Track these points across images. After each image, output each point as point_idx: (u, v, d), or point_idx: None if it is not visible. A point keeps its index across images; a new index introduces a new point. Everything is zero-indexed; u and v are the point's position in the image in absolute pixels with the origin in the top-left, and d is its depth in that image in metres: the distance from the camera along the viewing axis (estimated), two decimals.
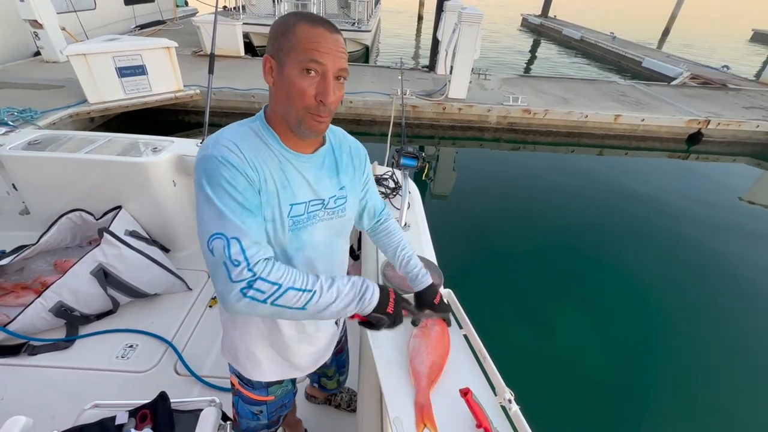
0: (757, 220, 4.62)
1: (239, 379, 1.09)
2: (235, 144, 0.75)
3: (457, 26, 5.67)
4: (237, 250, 0.69)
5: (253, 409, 1.14)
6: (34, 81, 5.67)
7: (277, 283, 0.71)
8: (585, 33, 15.19)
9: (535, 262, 3.57)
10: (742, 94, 7.92)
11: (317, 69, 0.73)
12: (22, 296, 1.95)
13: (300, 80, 0.73)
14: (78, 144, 2.18)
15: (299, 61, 0.72)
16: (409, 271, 1.08)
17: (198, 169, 0.74)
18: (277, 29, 0.75)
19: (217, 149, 0.73)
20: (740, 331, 2.93)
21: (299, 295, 0.72)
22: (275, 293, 0.70)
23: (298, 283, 0.73)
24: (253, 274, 0.69)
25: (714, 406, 2.38)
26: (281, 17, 0.77)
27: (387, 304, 0.83)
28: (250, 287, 0.69)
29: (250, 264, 0.69)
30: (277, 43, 0.74)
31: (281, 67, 0.74)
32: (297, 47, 0.72)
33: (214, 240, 0.69)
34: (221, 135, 0.78)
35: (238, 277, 0.68)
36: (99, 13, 8.78)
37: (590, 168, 5.70)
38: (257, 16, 10.33)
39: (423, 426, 0.84)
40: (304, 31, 0.72)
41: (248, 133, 0.80)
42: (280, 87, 0.76)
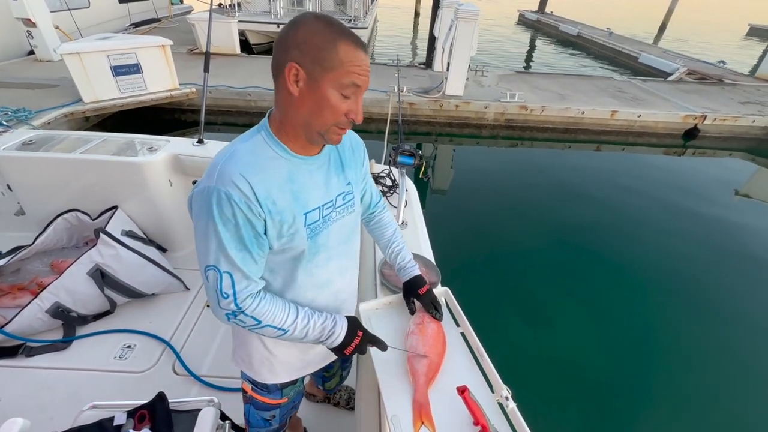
0: (753, 215, 4.64)
1: (253, 386, 1.09)
2: (243, 177, 0.73)
3: (454, 23, 5.65)
4: (228, 284, 0.76)
5: (266, 415, 1.15)
6: (28, 80, 5.62)
7: (258, 320, 0.80)
8: (582, 29, 15.17)
9: (533, 259, 3.58)
10: (738, 90, 7.94)
11: (355, 91, 0.75)
12: (18, 297, 1.95)
13: (336, 99, 0.74)
14: (73, 144, 2.17)
15: (340, 84, 0.72)
16: (398, 262, 1.13)
17: (199, 200, 0.74)
18: (313, 41, 0.70)
19: (222, 183, 0.72)
20: (739, 327, 2.94)
21: (275, 331, 0.83)
22: (255, 326, 0.81)
23: (276, 321, 0.82)
24: (237, 307, 0.78)
25: (712, 403, 2.39)
26: (312, 23, 0.72)
27: (347, 347, 0.91)
28: (235, 316, 0.79)
29: (237, 299, 0.77)
30: (310, 55, 0.70)
31: (314, 81, 0.72)
32: (339, 68, 0.71)
33: (208, 270, 0.76)
34: (228, 166, 0.74)
35: (225, 306, 0.78)
36: (93, 11, 8.71)
37: (587, 164, 5.71)
38: (253, 14, 10.27)
39: (420, 424, 0.85)
40: (348, 53, 0.71)
41: (255, 153, 0.77)
42: (309, 99, 0.74)
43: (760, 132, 6.37)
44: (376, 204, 1.15)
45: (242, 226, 0.74)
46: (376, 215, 1.16)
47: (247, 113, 5.98)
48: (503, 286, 3.23)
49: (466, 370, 1.01)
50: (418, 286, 1.10)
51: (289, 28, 0.73)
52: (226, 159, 0.75)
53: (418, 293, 1.09)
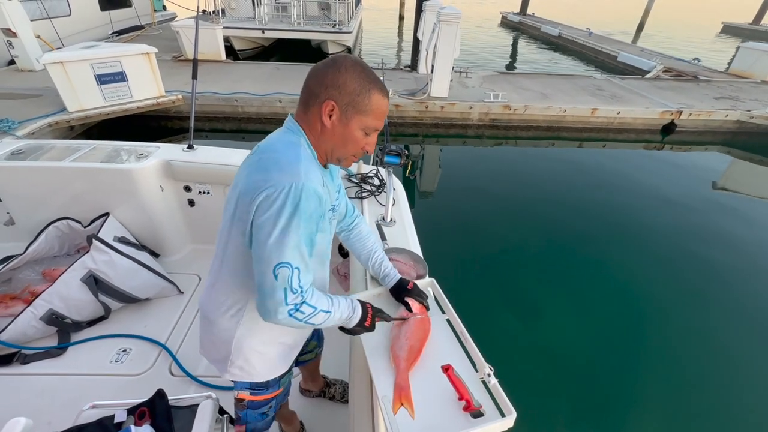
0: (731, 206, 4.82)
1: (251, 390, 1.13)
2: (321, 176, 0.88)
3: (437, 26, 5.77)
4: (297, 279, 0.81)
5: (263, 410, 1.20)
6: (10, 90, 5.55)
7: (315, 307, 0.87)
8: (562, 29, 15.50)
9: (518, 252, 3.68)
10: (712, 85, 8.23)
11: (374, 132, 0.90)
12: (11, 306, 1.95)
13: (360, 136, 0.88)
14: (62, 152, 2.18)
15: (366, 126, 0.87)
16: (380, 272, 1.22)
17: (283, 195, 0.77)
18: (350, 85, 0.83)
19: (310, 180, 0.81)
20: (721, 318, 3.05)
21: (324, 315, 0.89)
22: (312, 314, 0.87)
23: (324, 305, 0.90)
24: (303, 299, 0.84)
25: (693, 393, 2.48)
26: (352, 69, 0.83)
27: (365, 320, 1.01)
28: (297, 309, 0.83)
29: (303, 291, 0.83)
30: (347, 98, 0.83)
31: (346, 119, 0.85)
32: (369, 113, 0.85)
33: (281, 267, 0.79)
34: (309, 166, 0.84)
35: (293, 301, 0.82)
36: (74, 19, 8.61)
37: (570, 160, 5.87)
38: (237, 20, 10.26)
39: (400, 405, 0.91)
40: (378, 101, 0.86)
41: (310, 159, 0.88)
42: (337, 132, 0.87)
43: (733, 126, 6.63)
44: (352, 213, 1.23)
45: (316, 221, 0.85)
46: (355, 227, 1.24)
47: (235, 119, 5.99)
48: (488, 278, 3.33)
49: (451, 352, 1.08)
50: (405, 285, 1.19)
51: (328, 68, 0.84)
52: (303, 160, 0.83)
53: (408, 290, 1.17)
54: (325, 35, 9.93)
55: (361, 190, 2.08)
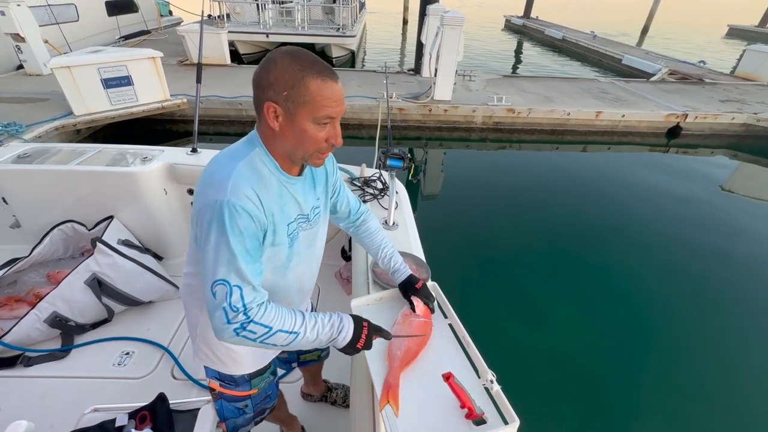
0: (738, 209, 4.78)
1: (220, 381, 1.13)
2: (254, 192, 0.79)
3: (440, 29, 5.78)
4: (237, 297, 0.76)
5: (238, 405, 1.18)
6: (18, 94, 5.62)
7: (269, 327, 0.80)
8: (566, 33, 15.50)
9: (521, 256, 3.66)
10: (718, 88, 8.17)
11: (331, 120, 0.81)
12: (16, 309, 1.96)
13: (314, 131, 0.80)
14: (68, 156, 2.20)
15: (315, 117, 0.78)
16: (390, 267, 1.21)
17: (210, 212, 0.76)
18: (282, 80, 0.75)
19: (237, 197, 0.76)
20: (728, 322, 3.01)
21: (286, 336, 0.82)
22: (265, 335, 0.80)
23: (287, 325, 0.82)
24: (247, 317, 0.78)
25: (700, 400, 2.45)
26: (280, 63, 0.76)
27: (358, 341, 0.91)
28: (244, 329, 0.78)
29: (247, 310, 0.78)
30: (283, 94, 0.76)
31: (291, 116, 0.78)
32: (311, 103, 0.77)
33: (217, 285, 0.76)
34: (239, 180, 0.78)
35: (234, 320, 0.77)
36: (82, 24, 8.73)
37: (574, 164, 5.84)
38: (242, 24, 10.35)
39: (386, 402, 0.91)
40: (318, 87, 0.76)
41: (256, 169, 0.83)
42: (289, 133, 0.80)
43: (740, 128, 6.57)
44: (357, 210, 1.21)
45: (251, 237, 0.79)
46: (362, 223, 1.22)
47: (239, 122, 6.03)
48: (491, 283, 3.31)
49: (453, 357, 1.06)
50: (414, 283, 1.17)
51: (261, 68, 0.78)
52: (235, 174, 0.78)
53: (416, 288, 1.16)
54: (328, 39, 9.99)
55: (363, 193, 2.08)
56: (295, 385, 1.83)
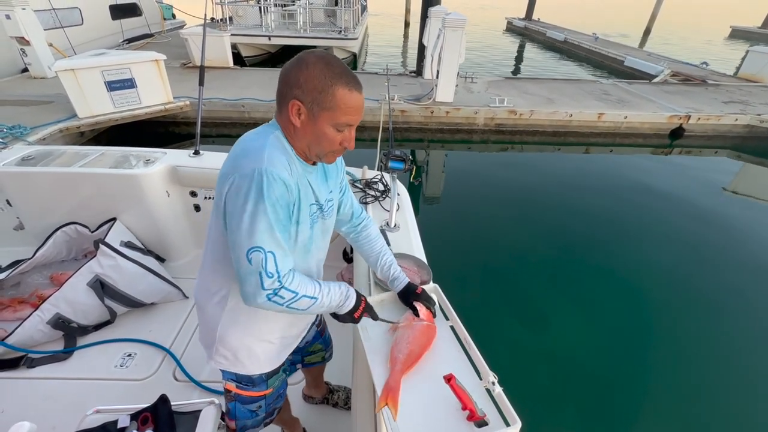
0: (742, 211, 4.75)
1: (237, 383, 1.14)
2: (287, 162, 0.85)
3: (442, 31, 5.79)
4: (272, 264, 0.81)
5: (252, 407, 1.19)
6: (23, 97, 5.66)
7: (295, 292, 0.87)
8: (568, 34, 15.49)
9: (523, 258, 3.64)
10: (721, 90, 8.14)
11: (348, 127, 0.87)
12: (19, 310, 1.98)
13: (332, 133, 0.85)
14: (71, 158, 2.21)
15: (336, 122, 0.84)
16: (389, 275, 1.21)
17: (247, 181, 0.78)
18: (312, 83, 0.80)
19: (273, 165, 0.80)
20: (732, 325, 2.99)
21: (308, 301, 0.90)
22: (293, 299, 0.87)
23: (309, 291, 0.90)
24: (281, 284, 0.84)
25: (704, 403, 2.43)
26: (313, 66, 0.80)
27: (356, 311, 1.04)
28: (276, 294, 0.84)
29: (281, 276, 0.83)
30: (311, 96, 0.81)
31: (313, 117, 0.83)
32: (335, 109, 0.82)
33: (253, 252, 0.80)
34: (274, 152, 0.83)
35: (269, 286, 0.82)
36: (86, 28, 8.79)
37: (577, 165, 5.83)
38: (245, 27, 10.40)
39: (384, 404, 0.91)
40: (344, 96, 0.81)
41: (281, 149, 0.87)
42: (309, 131, 0.86)
43: (743, 130, 6.54)
44: (359, 215, 1.22)
45: (284, 207, 0.83)
46: (363, 228, 1.23)
47: (242, 125, 6.05)
48: (493, 284, 3.30)
49: (454, 359, 1.06)
50: (413, 289, 1.18)
51: (292, 66, 0.82)
52: (269, 147, 0.82)
53: (417, 294, 1.17)
54: (330, 42, 10.02)
55: (365, 195, 2.08)
56: (296, 387, 1.83)
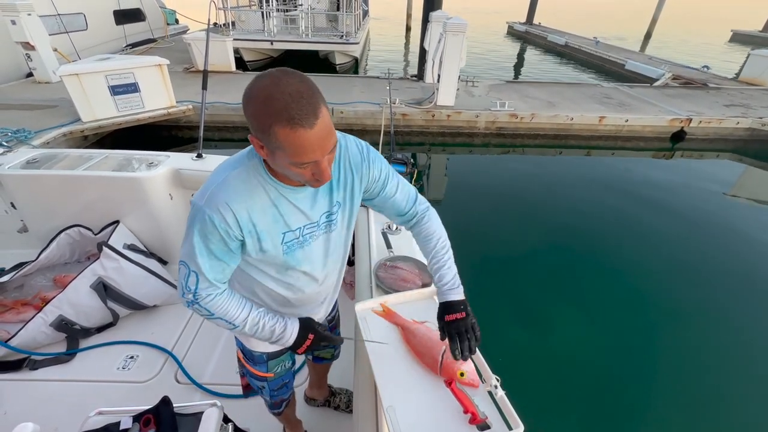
0: (744, 214, 4.74)
1: (243, 354, 1.22)
2: (227, 205, 0.81)
3: (443, 36, 5.82)
4: (192, 281, 0.88)
5: (258, 384, 1.28)
6: (27, 101, 5.71)
7: (211, 312, 0.92)
8: (569, 39, 15.54)
9: (524, 261, 3.64)
10: (722, 93, 8.15)
11: (310, 164, 0.75)
12: (22, 312, 1.98)
13: (297, 170, 0.76)
14: (75, 161, 2.23)
15: (290, 162, 0.74)
16: (437, 281, 1.08)
17: (191, 210, 0.86)
18: (254, 121, 0.72)
19: (209, 207, 0.81)
20: (734, 327, 2.98)
21: (226, 324, 0.95)
22: (208, 316, 0.94)
23: (228, 315, 0.94)
24: (195, 299, 0.90)
25: (708, 405, 2.43)
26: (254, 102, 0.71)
27: (299, 347, 1.02)
28: (191, 305, 0.92)
29: (196, 295, 0.90)
30: (258, 134, 0.73)
31: (271, 154, 0.75)
32: (283, 149, 0.71)
33: (181, 264, 0.89)
34: (218, 192, 0.81)
35: (185, 296, 0.91)
36: (90, 33, 8.87)
37: (578, 169, 5.83)
38: (247, 32, 10.48)
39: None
40: (286, 137, 0.69)
41: (246, 180, 0.83)
42: (275, 165, 0.79)
43: (745, 133, 6.54)
44: (407, 212, 1.10)
45: (216, 243, 0.85)
46: (416, 226, 1.12)
47: (244, 128, 6.07)
48: (495, 287, 3.29)
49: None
50: (446, 312, 1.00)
51: (243, 96, 0.74)
52: (218, 185, 0.82)
53: (445, 321, 0.98)
54: (332, 46, 10.08)
55: None
56: (299, 389, 1.83)
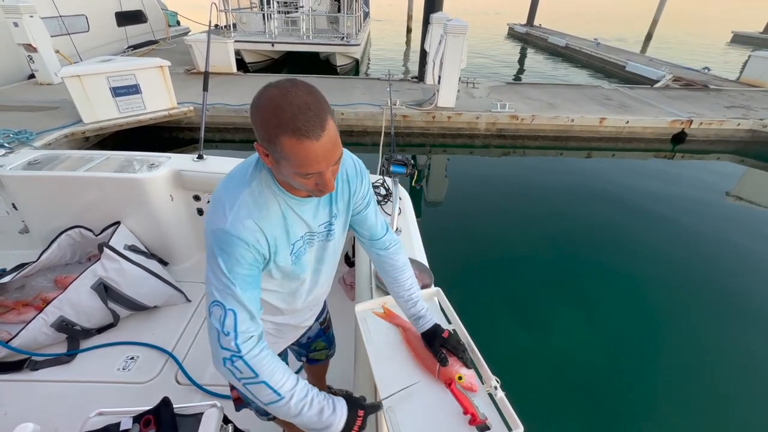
0: (745, 216, 4.73)
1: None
2: (255, 223, 0.79)
3: (443, 38, 5.83)
4: (231, 322, 0.77)
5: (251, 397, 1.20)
6: (29, 103, 5.73)
7: (256, 373, 0.77)
8: (570, 40, 15.55)
9: (525, 262, 3.64)
10: (723, 94, 8.14)
11: (313, 175, 0.75)
12: (23, 313, 1.99)
13: (301, 180, 0.76)
14: (77, 162, 2.24)
15: (294, 172, 0.74)
16: (414, 313, 1.09)
17: (211, 240, 0.78)
18: (261, 130, 0.72)
19: (235, 228, 0.77)
20: (735, 329, 2.98)
21: (270, 393, 0.77)
22: (250, 380, 0.77)
23: (275, 380, 0.77)
24: (238, 349, 0.76)
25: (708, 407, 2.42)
26: (262, 111, 0.70)
27: (350, 429, 0.82)
28: (233, 363, 0.76)
29: (238, 339, 0.76)
30: (264, 143, 0.73)
31: (276, 163, 0.75)
32: (288, 159, 0.72)
33: (214, 306, 0.78)
34: (241, 211, 0.78)
35: (226, 345, 0.76)
36: (92, 35, 8.91)
37: (579, 170, 5.82)
38: (248, 34, 10.51)
39: None
40: (292, 148, 0.69)
41: (260, 197, 0.82)
42: (279, 174, 0.79)
43: (746, 134, 6.53)
44: (381, 239, 1.08)
45: (248, 267, 0.79)
46: (386, 253, 1.09)
47: (244, 129, 6.09)
48: (495, 288, 3.29)
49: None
50: (440, 333, 1.05)
51: (251, 105, 0.73)
52: (239, 204, 0.79)
53: (444, 339, 1.04)
54: (333, 48, 10.11)
55: None
56: None
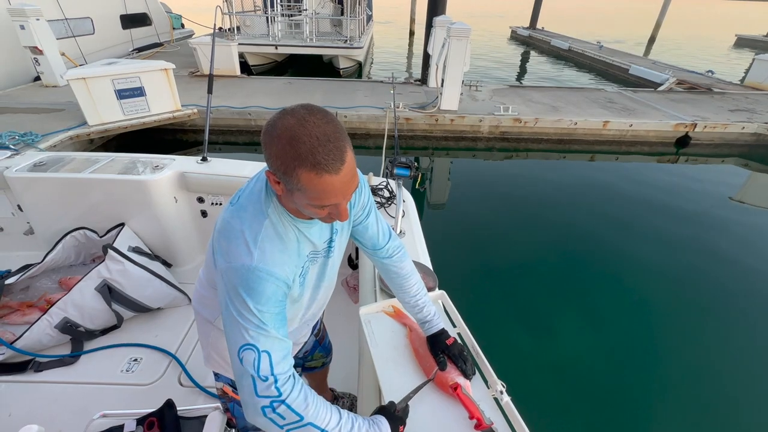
0: (749, 220, 4.69)
1: (233, 388, 1.12)
2: (281, 255, 0.77)
3: (447, 41, 5.85)
4: (266, 365, 0.70)
5: None
6: (35, 105, 5.77)
7: (300, 416, 0.70)
8: (572, 43, 15.55)
9: (529, 266, 3.62)
10: (727, 98, 8.11)
11: (328, 206, 0.73)
12: (27, 314, 1.99)
13: (314, 210, 0.74)
14: (82, 164, 2.25)
15: (308, 203, 0.71)
16: (420, 318, 1.10)
17: (234, 277, 0.72)
18: (276, 161, 0.68)
19: (265, 263, 0.73)
20: (740, 334, 2.95)
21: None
22: (295, 424, 0.70)
23: (320, 419, 0.72)
24: (279, 393, 0.69)
25: (714, 412, 2.39)
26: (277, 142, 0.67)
27: None
28: (274, 409, 0.69)
29: (278, 381, 0.70)
30: (278, 173, 0.69)
31: (290, 192, 0.72)
32: (305, 192, 0.69)
33: (245, 350, 0.70)
34: (266, 245, 0.75)
35: (264, 392, 0.69)
36: (98, 37, 8.98)
37: (582, 174, 5.81)
38: (252, 37, 10.56)
39: None
40: (310, 181, 0.67)
41: (279, 225, 0.79)
42: (290, 201, 0.76)
43: (750, 138, 6.50)
44: (383, 247, 1.07)
45: (277, 303, 0.75)
46: (390, 261, 1.08)
47: (248, 132, 6.12)
48: (500, 292, 3.28)
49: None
50: (444, 339, 1.06)
51: (264, 133, 0.70)
52: (263, 237, 0.76)
53: (446, 344, 1.04)
54: (336, 51, 10.14)
55: None
56: None
